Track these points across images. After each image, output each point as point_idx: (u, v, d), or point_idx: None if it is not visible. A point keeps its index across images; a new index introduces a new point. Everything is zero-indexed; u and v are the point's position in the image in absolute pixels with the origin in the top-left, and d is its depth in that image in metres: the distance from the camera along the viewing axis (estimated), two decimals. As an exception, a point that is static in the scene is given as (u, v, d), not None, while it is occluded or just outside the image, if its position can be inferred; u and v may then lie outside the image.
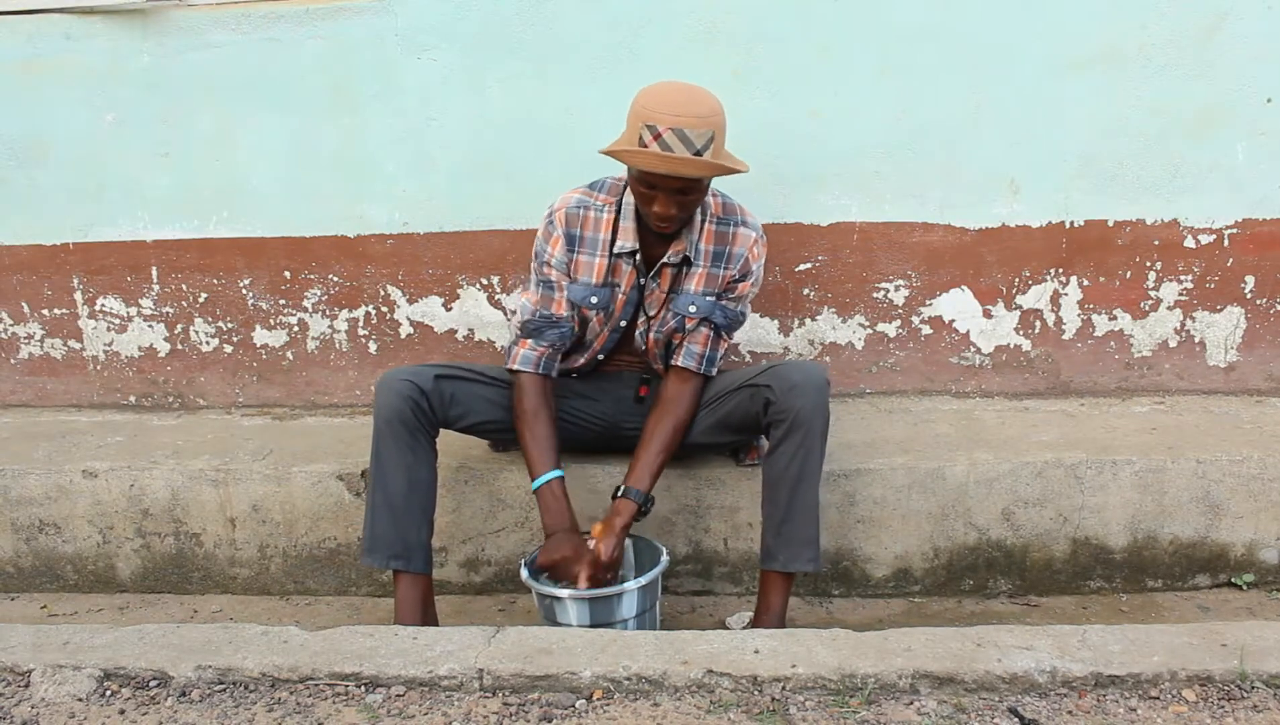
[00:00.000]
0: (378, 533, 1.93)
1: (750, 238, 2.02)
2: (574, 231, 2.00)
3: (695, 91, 1.80)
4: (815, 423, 1.87)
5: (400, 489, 1.92)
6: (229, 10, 2.46)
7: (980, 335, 2.55)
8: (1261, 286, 2.49)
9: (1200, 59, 2.34)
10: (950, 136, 2.42)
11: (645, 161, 1.76)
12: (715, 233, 2.01)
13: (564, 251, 2.00)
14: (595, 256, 2.01)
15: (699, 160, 1.76)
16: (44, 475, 2.33)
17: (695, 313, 2.02)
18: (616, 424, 2.15)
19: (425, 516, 1.97)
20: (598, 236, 2.00)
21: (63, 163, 2.60)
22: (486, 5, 2.41)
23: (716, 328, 2.05)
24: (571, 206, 2.00)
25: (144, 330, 2.72)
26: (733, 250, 2.01)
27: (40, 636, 1.71)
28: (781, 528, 1.91)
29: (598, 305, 2.02)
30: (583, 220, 2.00)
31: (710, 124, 1.77)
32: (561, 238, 2.00)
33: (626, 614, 1.85)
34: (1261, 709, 1.45)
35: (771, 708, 1.47)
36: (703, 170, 1.77)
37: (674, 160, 1.75)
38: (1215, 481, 2.17)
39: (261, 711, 1.51)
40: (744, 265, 2.02)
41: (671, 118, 1.74)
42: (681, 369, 2.04)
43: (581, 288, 2.01)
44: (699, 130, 1.75)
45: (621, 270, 2.02)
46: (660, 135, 1.74)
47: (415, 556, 1.94)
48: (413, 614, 1.92)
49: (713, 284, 2.02)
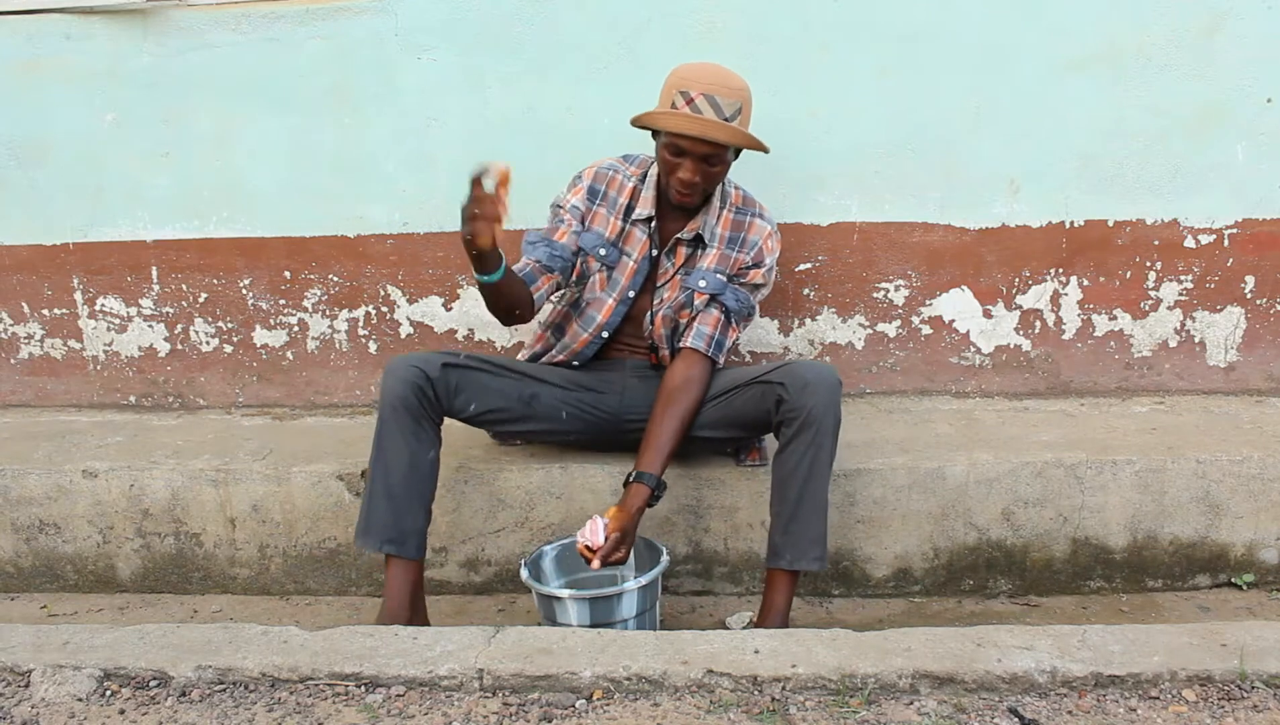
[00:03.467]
0: (373, 515, 1.92)
1: (766, 229, 2.10)
2: (598, 187, 2.11)
3: (725, 69, 1.94)
4: (827, 421, 1.88)
5: (400, 474, 1.91)
6: (229, 10, 2.46)
7: (980, 335, 2.56)
8: (1261, 286, 2.49)
9: (1200, 59, 2.34)
10: (950, 136, 2.42)
11: (677, 123, 1.86)
12: (733, 221, 2.10)
13: (584, 200, 2.10)
14: (611, 216, 2.10)
15: (728, 126, 1.87)
16: (44, 475, 2.33)
17: (705, 288, 2.06)
18: (618, 416, 2.14)
19: (423, 504, 1.96)
20: (619, 199, 2.10)
21: (63, 163, 2.60)
22: (486, 5, 2.41)
23: (727, 311, 2.07)
24: (603, 167, 2.13)
25: (144, 330, 2.72)
26: (748, 237, 2.09)
27: (40, 636, 1.71)
28: (790, 526, 1.91)
29: (604, 258, 2.08)
30: (609, 181, 2.11)
31: (740, 96, 1.90)
32: (585, 189, 2.11)
33: (626, 614, 1.85)
34: (1261, 709, 1.45)
35: (771, 708, 1.47)
36: (732, 136, 1.88)
37: (705, 122, 1.85)
38: (1215, 481, 2.17)
39: (261, 711, 1.51)
40: (758, 253, 2.08)
41: (704, 85, 1.87)
42: (690, 350, 2.05)
43: (594, 236, 2.09)
44: (730, 99, 1.88)
45: (635, 238, 2.09)
46: (693, 100, 1.87)
47: (409, 542, 1.93)
48: (401, 600, 1.90)
49: (725, 264, 2.07)
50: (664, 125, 1.88)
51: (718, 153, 1.91)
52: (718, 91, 1.87)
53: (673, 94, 1.89)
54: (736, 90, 1.90)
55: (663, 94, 1.93)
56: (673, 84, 1.91)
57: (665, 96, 1.92)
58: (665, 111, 1.88)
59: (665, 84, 1.93)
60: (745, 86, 1.93)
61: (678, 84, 1.89)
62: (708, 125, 1.85)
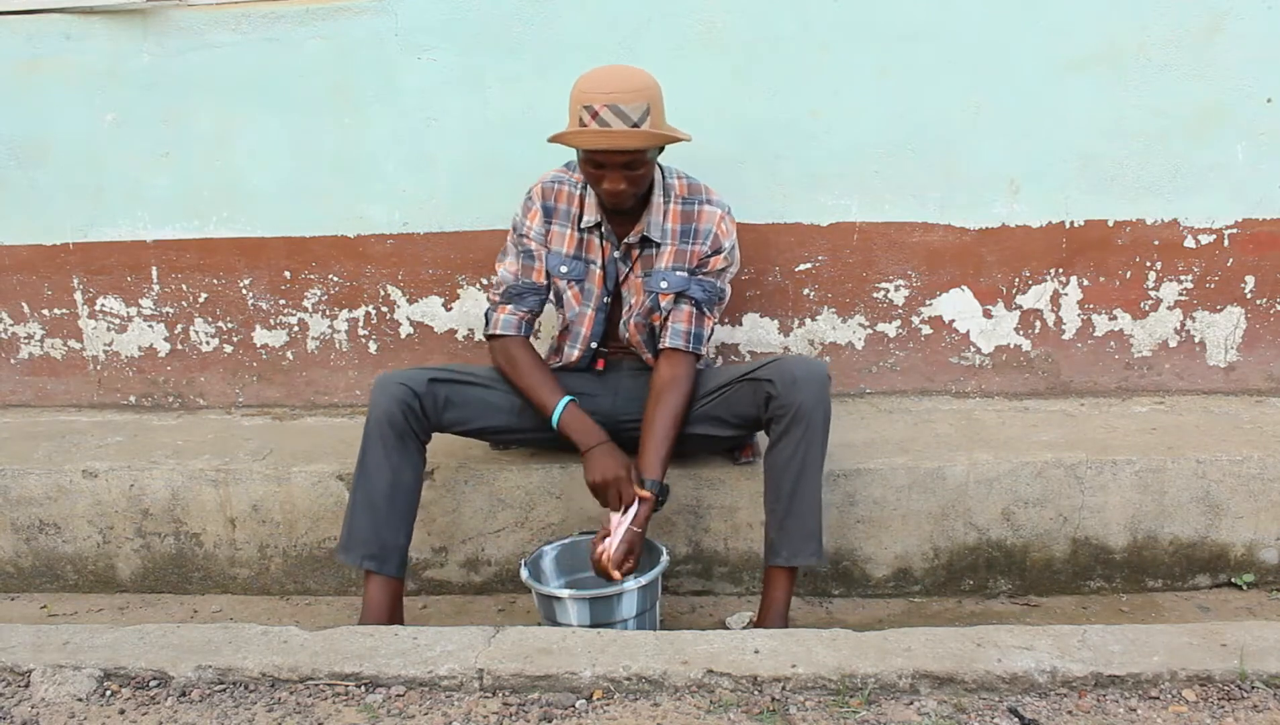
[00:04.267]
0: (355, 531, 1.93)
1: (716, 214, 2.06)
2: (549, 204, 2.08)
3: (626, 69, 1.88)
4: (816, 417, 1.88)
5: (383, 490, 1.93)
6: (229, 10, 2.46)
7: (980, 335, 2.55)
8: (1261, 286, 2.49)
9: (1200, 59, 2.34)
10: (950, 136, 2.42)
11: (586, 140, 1.84)
12: (681, 212, 2.07)
13: (541, 222, 2.08)
14: (566, 229, 2.09)
15: (637, 131, 1.83)
16: (44, 475, 2.33)
17: (667, 288, 2.05)
18: (613, 418, 2.13)
19: (405, 521, 1.97)
20: (570, 210, 2.08)
21: (63, 163, 2.60)
22: (486, 5, 2.41)
23: (697, 303, 2.06)
24: (548, 182, 2.09)
25: (144, 330, 2.72)
26: (699, 226, 2.06)
27: (40, 636, 1.71)
28: (784, 522, 1.92)
29: (568, 275, 2.08)
30: (556, 194, 2.08)
31: (644, 96, 1.84)
32: (539, 210, 2.08)
33: (626, 614, 1.85)
34: (1261, 709, 1.45)
35: (771, 708, 1.47)
36: (641, 140, 1.84)
37: (613, 134, 1.82)
38: (1215, 481, 2.17)
39: (261, 711, 1.51)
40: (714, 240, 2.05)
41: (605, 95, 1.82)
42: (670, 350, 2.04)
43: (555, 256, 2.09)
44: (633, 104, 1.82)
45: (595, 245, 2.08)
46: (597, 113, 1.82)
47: (390, 559, 1.94)
48: (379, 617, 1.92)
49: (683, 259, 2.06)
50: (575, 144, 1.86)
51: (635, 157, 1.87)
52: (620, 99, 1.81)
53: (578, 110, 1.84)
54: (639, 91, 1.83)
55: (570, 111, 1.88)
56: (576, 99, 1.86)
57: (572, 113, 1.87)
58: (574, 131, 1.84)
59: (570, 98, 1.88)
60: (649, 84, 1.86)
61: (580, 98, 1.84)
62: (615, 136, 1.82)
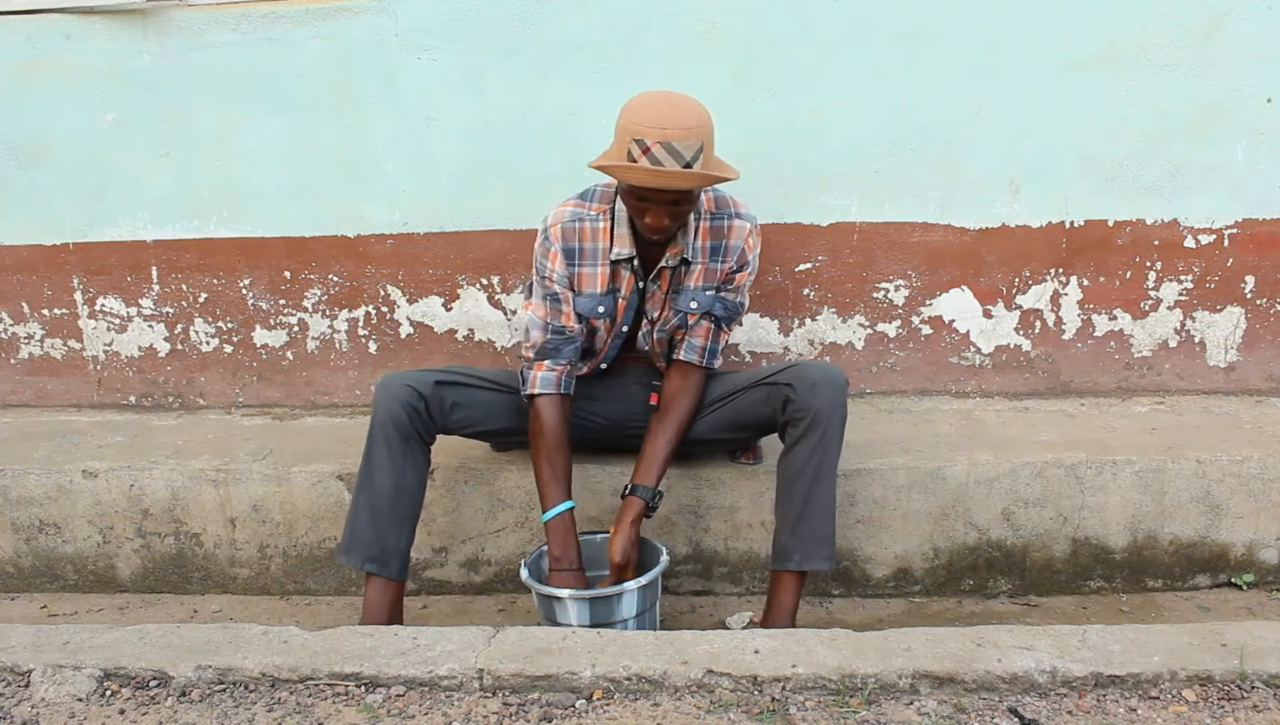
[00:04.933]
0: (357, 532, 1.93)
1: (745, 229, 2.01)
2: (571, 245, 1.98)
3: (681, 102, 1.78)
4: (834, 421, 1.88)
5: (386, 492, 1.92)
6: (229, 10, 2.46)
7: (980, 335, 2.55)
8: (1261, 286, 2.49)
9: (1200, 59, 2.34)
10: (950, 136, 2.42)
11: (636, 177, 1.75)
12: (710, 229, 2.00)
13: (564, 266, 1.99)
14: (597, 266, 1.99)
15: (689, 172, 1.74)
16: (44, 475, 2.33)
17: (696, 308, 2.02)
18: (621, 423, 2.15)
19: (407, 524, 1.96)
20: (597, 246, 1.98)
21: (63, 163, 2.60)
22: (486, 5, 2.41)
23: (717, 320, 2.05)
24: (566, 221, 1.98)
25: (144, 330, 2.72)
26: (729, 243, 2.00)
27: (40, 636, 1.71)
28: (798, 526, 1.91)
29: (605, 314, 2.02)
30: (579, 232, 1.98)
31: (698, 135, 1.75)
32: (559, 253, 1.98)
33: (626, 614, 1.85)
34: (1261, 709, 1.45)
35: (771, 708, 1.47)
36: (693, 181, 1.76)
37: (664, 174, 1.73)
38: (1215, 481, 2.17)
39: (261, 711, 1.51)
40: (741, 256, 2.02)
41: (659, 131, 1.72)
42: (684, 363, 2.05)
43: (587, 300, 2.01)
44: (687, 142, 1.73)
45: (621, 276, 2.01)
46: (649, 150, 1.72)
47: (391, 562, 1.93)
48: (379, 621, 1.91)
49: (711, 278, 2.02)
50: (623, 179, 1.79)
51: (684, 196, 1.81)
52: (674, 136, 1.71)
53: (627, 141, 1.74)
54: (694, 129, 1.74)
55: (617, 139, 1.79)
56: (626, 129, 1.76)
57: (620, 143, 1.77)
58: (623, 165, 1.75)
59: (618, 126, 1.79)
60: (704, 120, 1.77)
61: (631, 130, 1.74)
62: (665, 176, 1.73)
